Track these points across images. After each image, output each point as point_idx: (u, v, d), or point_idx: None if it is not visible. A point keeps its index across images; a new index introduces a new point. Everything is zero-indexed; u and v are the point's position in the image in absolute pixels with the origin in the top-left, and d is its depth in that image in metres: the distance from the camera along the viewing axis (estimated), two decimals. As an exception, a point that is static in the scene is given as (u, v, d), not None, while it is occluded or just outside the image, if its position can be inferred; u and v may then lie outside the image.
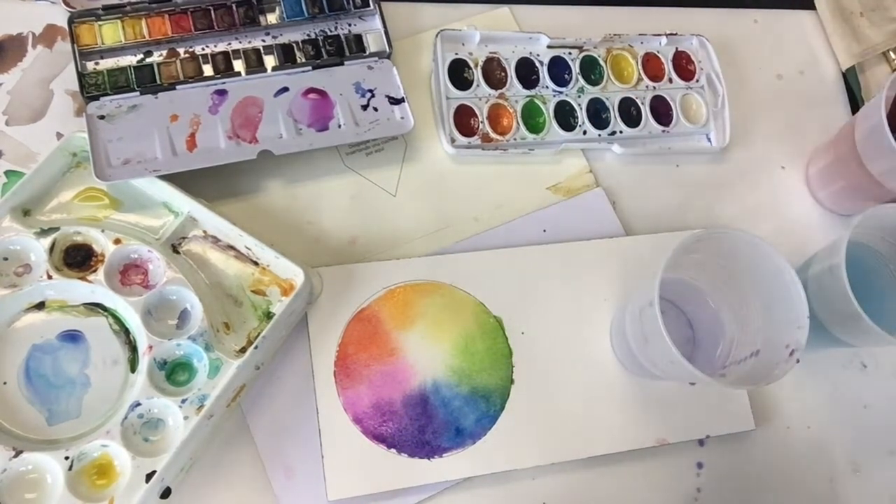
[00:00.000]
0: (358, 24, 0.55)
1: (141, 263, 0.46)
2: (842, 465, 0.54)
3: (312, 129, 0.51)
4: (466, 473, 0.47)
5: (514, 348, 0.50)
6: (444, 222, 0.53)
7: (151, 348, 0.44)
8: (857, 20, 0.65)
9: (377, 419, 0.47)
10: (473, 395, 0.49)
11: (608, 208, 0.56)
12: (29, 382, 0.43)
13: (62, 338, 0.45)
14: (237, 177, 0.51)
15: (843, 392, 0.55)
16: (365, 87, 0.53)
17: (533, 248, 0.53)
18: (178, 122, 0.49)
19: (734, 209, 0.59)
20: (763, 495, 0.52)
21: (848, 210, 0.59)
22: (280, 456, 0.46)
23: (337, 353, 0.48)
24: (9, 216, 0.45)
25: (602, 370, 0.51)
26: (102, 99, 0.49)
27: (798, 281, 0.44)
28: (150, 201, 0.48)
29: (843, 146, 0.55)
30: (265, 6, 0.54)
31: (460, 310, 0.50)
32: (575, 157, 0.57)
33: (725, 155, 0.60)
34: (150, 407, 0.43)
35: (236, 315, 0.47)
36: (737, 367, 0.47)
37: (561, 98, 0.57)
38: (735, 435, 0.51)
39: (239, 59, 0.52)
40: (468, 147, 0.54)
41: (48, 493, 0.41)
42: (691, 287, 0.51)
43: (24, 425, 0.43)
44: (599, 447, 0.49)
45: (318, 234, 0.52)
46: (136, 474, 0.41)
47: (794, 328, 0.43)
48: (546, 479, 0.49)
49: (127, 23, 0.52)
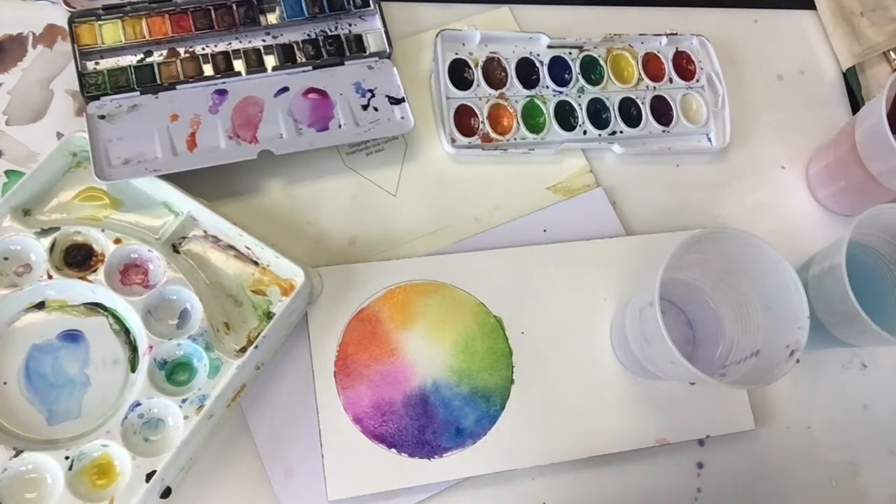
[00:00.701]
0: (358, 24, 0.55)
1: (141, 263, 0.46)
2: (842, 465, 0.54)
3: (312, 129, 0.51)
4: (466, 473, 0.47)
5: (514, 348, 0.50)
6: (444, 222, 0.53)
7: (151, 348, 0.44)
8: (858, 20, 0.65)
9: (377, 419, 0.47)
10: (473, 395, 0.49)
11: (608, 208, 0.56)
12: (29, 382, 0.43)
13: (62, 338, 0.45)
14: (237, 177, 0.51)
15: (843, 392, 0.55)
16: (365, 87, 0.53)
17: (533, 248, 0.53)
18: (179, 121, 0.49)
19: (734, 209, 0.59)
20: (763, 495, 0.52)
21: (848, 210, 0.59)
22: (280, 456, 0.46)
23: (337, 353, 0.48)
24: (9, 216, 0.45)
25: (602, 370, 0.51)
26: (102, 99, 0.49)
27: (798, 281, 0.44)
28: (151, 201, 0.48)
29: (843, 146, 0.55)
30: (265, 6, 0.54)
31: (460, 310, 0.50)
32: (575, 157, 0.57)
33: (725, 155, 0.60)
34: (150, 407, 0.43)
35: (236, 315, 0.47)
36: (737, 367, 0.47)
37: (561, 98, 0.57)
38: (735, 435, 0.51)
39: (239, 58, 0.52)
40: (468, 147, 0.54)
41: (48, 493, 0.41)
42: (691, 287, 0.51)
43: (24, 425, 0.43)
44: (599, 447, 0.49)
45: (318, 234, 0.52)
46: (136, 474, 0.41)
47: (794, 328, 0.43)
48: (546, 479, 0.49)
49: (127, 23, 0.52)
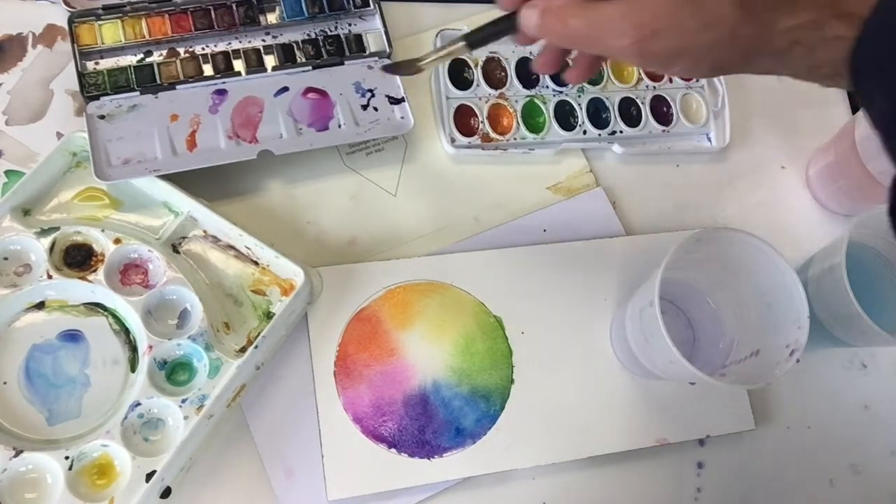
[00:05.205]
0: (358, 23, 0.55)
1: (141, 263, 0.46)
2: (842, 465, 0.54)
3: (312, 128, 0.51)
4: (466, 473, 0.47)
5: (514, 348, 0.50)
6: (444, 222, 0.53)
7: (151, 348, 0.44)
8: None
9: (377, 419, 0.47)
10: (473, 395, 0.49)
11: (608, 208, 0.56)
12: (29, 382, 0.44)
13: (62, 338, 0.45)
14: (237, 177, 0.51)
15: (843, 392, 0.55)
16: (365, 87, 0.53)
17: (533, 248, 0.53)
18: (178, 121, 0.49)
19: (734, 209, 0.59)
20: (763, 495, 0.52)
21: (848, 210, 0.59)
22: (280, 456, 0.46)
23: (337, 353, 0.48)
24: (9, 216, 0.45)
25: (602, 370, 0.51)
26: (102, 99, 0.49)
27: (798, 281, 0.44)
28: (150, 201, 0.48)
29: (843, 146, 0.55)
30: (265, 6, 0.54)
31: (460, 310, 0.50)
32: (575, 157, 0.57)
33: (725, 155, 0.60)
34: (150, 407, 0.43)
35: (236, 315, 0.47)
36: (737, 367, 0.47)
37: (561, 98, 0.57)
38: (735, 435, 0.52)
39: (239, 58, 0.52)
40: (468, 147, 0.54)
41: (48, 493, 0.41)
42: (691, 287, 0.51)
43: (24, 425, 0.43)
44: (599, 447, 0.49)
45: (318, 234, 0.52)
46: (136, 474, 0.41)
47: (794, 328, 0.43)
48: (546, 479, 0.49)
49: (127, 22, 0.52)
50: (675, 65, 0.34)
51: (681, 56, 0.33)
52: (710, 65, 0.34)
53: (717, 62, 0.33)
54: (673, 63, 0.34)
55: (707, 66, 0.34)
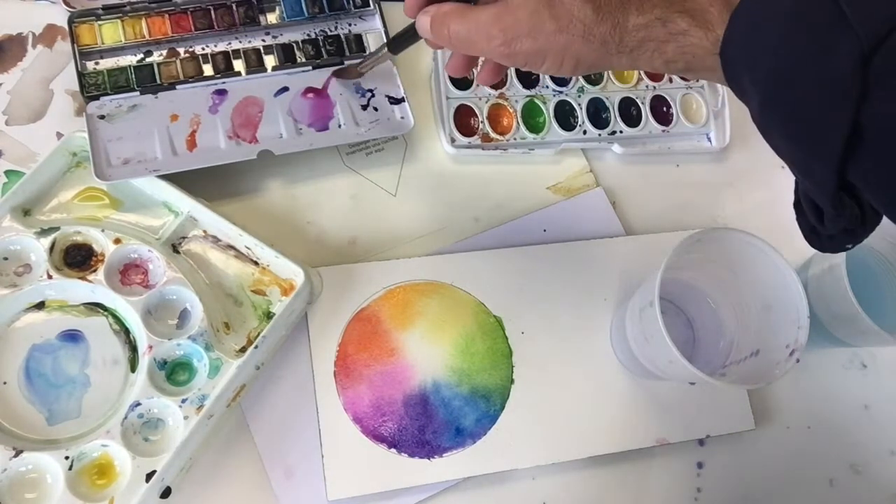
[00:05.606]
0: (358, 23, 0.55)
1: (141, 263, 0.46)
2: (842, 465, 0.54)
3: (312, 128, 0.51)
4: (466, 473, 0.47)
5: (514, 348, 0.50)
6: (444, 222, 0.53)
7: (151, 348, 0.44)
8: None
9: (377, 419, 0.47)
10: (473, 395, 0.49)
11: (608, 208, 0.56)
12: (29, 382, 0.43)
13: (62, 337, 0.45)
14: (237, 177, 0.51)
15: (843, 392, 0.55)
16: (365, 87, 0.53)
17: (533, 248, 0.53)
18: (178, 121, 0.49)
19: (734, 209, 0.59)
20: (763, 495, 0.52)
21: (848, 210, 0.59)
22: (280, 456, 0.46)
23: (337, 353, 0.48)
24: (9, 216, 0.45)
25: (602, 370, 0.51)
26: (102, 99, 0.49)
27: (798, 281, 0.44)
28: (150, 201, 0.48)
29: (843, 146, 0.55)
30: (265, 6, 0.54)
31: (460, 310, 0.50)
32: (575, 157, 0.57)
33: (725, 155, 0.60)
34: (150, 407, 0.43)
35: (236, 315, 0.47)
36: (737, 367, 0.47)
37: (561, 98, 0.57)
38: (735, 435, 0.52)
39: (239, 58, 0.52)
40: (468, 147, 0.54)
41: (48, 493, 0.41)
42: (691, 287, 0.51)
43: (24, 425, 0.43)
44: (599, 447, 0.49)
45: (318, 234, 0.52)
46: (136, 474, 0.41)
47: (794, 328, 0.43)
48: (546, 479, 0.49)
49: (127, 22, 0.52)
50: (541, 64, 0.36)
51: (543, 56, 0.35)
52: (572, 63, 0.35)
53: (577, 61, 0.35)
54: (538, 63, 0.36)
55: (570, 65, 0.36)
